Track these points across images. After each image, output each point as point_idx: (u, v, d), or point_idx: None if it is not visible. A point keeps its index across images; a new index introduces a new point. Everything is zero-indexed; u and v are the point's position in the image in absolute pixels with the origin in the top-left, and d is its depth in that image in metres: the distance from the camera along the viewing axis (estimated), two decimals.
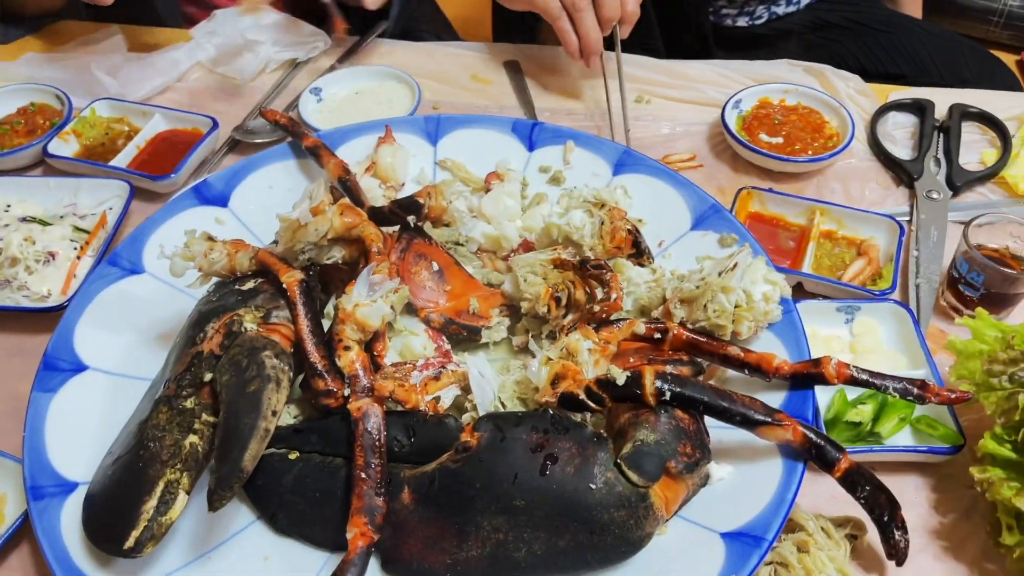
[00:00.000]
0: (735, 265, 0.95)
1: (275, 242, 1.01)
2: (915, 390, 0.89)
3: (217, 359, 0.88)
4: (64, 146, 1.38)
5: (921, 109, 1.44)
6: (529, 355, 1.00)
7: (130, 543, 0.78)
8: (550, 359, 0.91)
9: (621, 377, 0.85)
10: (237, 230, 1.16)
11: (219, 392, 0.85)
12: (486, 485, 0.80)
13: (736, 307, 0.94)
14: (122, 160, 1.35)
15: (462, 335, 1.03)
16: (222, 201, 1.19)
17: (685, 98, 1.52)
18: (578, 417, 0.88)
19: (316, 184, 1.00)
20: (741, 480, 0.86)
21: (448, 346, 1.02)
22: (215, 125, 1.39)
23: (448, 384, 0.93)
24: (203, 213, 1.16)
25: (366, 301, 0.90)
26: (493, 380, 0.95)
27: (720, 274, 0.95)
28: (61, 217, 1.25)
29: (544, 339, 1.01)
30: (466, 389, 0.94)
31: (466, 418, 0.92)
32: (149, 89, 1.52)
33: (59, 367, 0.98)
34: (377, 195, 1.21)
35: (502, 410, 0.92)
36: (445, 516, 0.82)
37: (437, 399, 0.91)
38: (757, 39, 1.81)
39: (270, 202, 1.18)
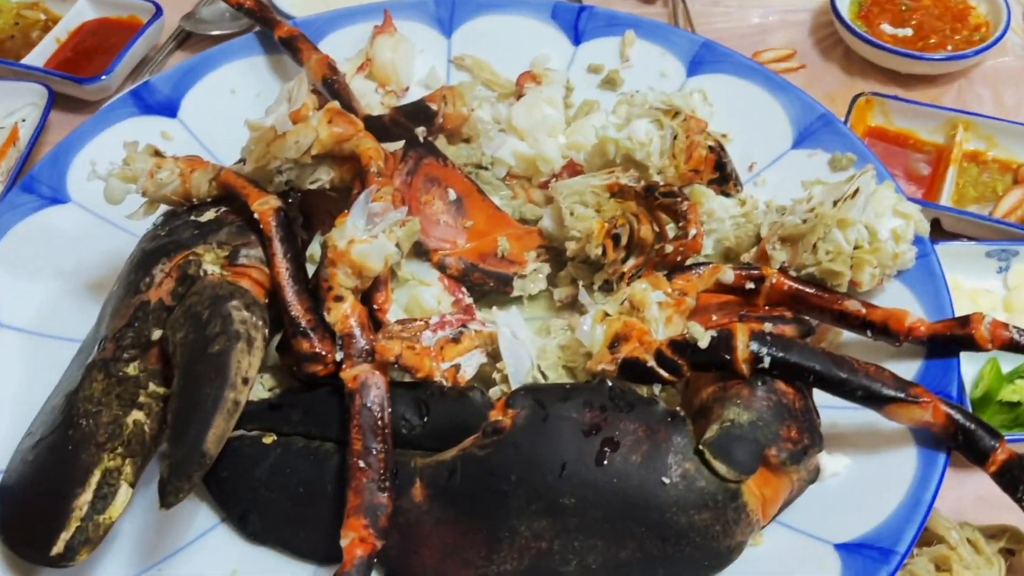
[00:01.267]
0: (856, 191, 0.93)
1: (242, 160, 0.99)
2: None
3: (169, 311, 0.87)
4: None
5: None
6: (578, 311, 0.99)
7: (58, 548, 0.78)
8: (607, 315, 0.89)
9: (704, 338, 0.83)
10: (190, 147, 1.14)
11: (172, 354, 0.84)
12: (524, 478, 0.79)
13: (856, 248, 0.92)
14: (38, 57, 1.35)
15: (487, 285, 1.02)
16: (169, 110, 1.18)
17: None
18: (645, 391, 0.87)
19: (296, 83, 0.98)
20: (862, 475, 0.85)
21: (469, 300, 1.01)
22: (158, 12, 1.38)
23: (471, 348, 0.92)
24: (145, 125, 1.15)
25: (363, 236, 0.88)
26: (530, 343, 0.94)
27: (835, 204, 0.93)
28: None
29: (597, 291, 0.99)
30: (494, 355, 0.93)
31: (495, 392, 0.91)
32: None
33: None
34: (373, 102, 1.19)
35: (543, 382, 0.91)
36: (470, 518, 0.81)
37: (457, 367, 0.90)
38: None
39: (233, 111, 1.16)
